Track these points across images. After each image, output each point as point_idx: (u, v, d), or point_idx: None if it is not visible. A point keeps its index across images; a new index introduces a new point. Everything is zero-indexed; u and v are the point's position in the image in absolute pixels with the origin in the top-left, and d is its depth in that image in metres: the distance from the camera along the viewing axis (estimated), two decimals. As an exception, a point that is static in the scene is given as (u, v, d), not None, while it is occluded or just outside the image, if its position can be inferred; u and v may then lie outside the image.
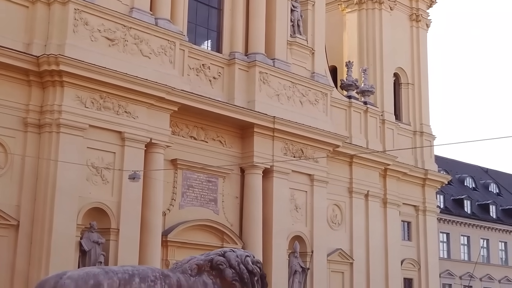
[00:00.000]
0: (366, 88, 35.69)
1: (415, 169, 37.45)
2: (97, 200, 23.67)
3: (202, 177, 28.09)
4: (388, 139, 36.44)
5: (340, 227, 33.14)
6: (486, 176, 58.26)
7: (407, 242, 37.14)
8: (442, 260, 43.49)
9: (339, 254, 32.52)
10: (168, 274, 11.37)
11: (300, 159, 30.35)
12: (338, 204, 33.26)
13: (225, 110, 27.97)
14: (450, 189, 49.43)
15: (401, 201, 36.52)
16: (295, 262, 29.76)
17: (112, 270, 10.68)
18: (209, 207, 28.15)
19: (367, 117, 35.44)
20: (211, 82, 28.60)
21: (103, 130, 24.09)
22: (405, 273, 36.36)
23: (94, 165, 23.71)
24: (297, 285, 29.73)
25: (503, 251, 51.15)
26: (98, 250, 23.16)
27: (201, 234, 27.29)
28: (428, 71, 40.27)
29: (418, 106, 39.13)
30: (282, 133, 29.81)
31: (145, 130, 25.09)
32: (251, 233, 28.54)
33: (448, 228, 46.88)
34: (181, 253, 24.72)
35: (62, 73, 23.06)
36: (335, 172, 32.63)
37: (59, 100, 23.18)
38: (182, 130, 27.67)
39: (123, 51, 25.00)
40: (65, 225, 22.50)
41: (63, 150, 22.82)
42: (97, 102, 24.02)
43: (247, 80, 29.54)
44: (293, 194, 30.31)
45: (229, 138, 29.15)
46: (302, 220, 30.54)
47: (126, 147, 24.52)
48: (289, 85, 30.91)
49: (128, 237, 23.95)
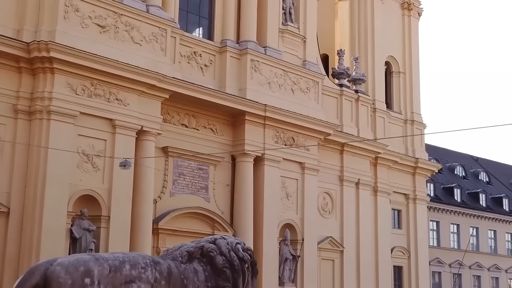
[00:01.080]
0: (357, 76, 35.73)
1: (406, 158, 37.60)
2: (88, 187, 23.64)
3: (193, 165, 28.10)
4: (379, 128, 36.54)
5: (330, 215, 33.27)
6: (476, 164, 58.53)
7: (397, 230, 37.33)
8: (432, 248, 43.76)
9: (330, 242, 32.67)
10: (158, 261, 11.41)
11: (291, 147, 30.40)
12: (329, 192, 33.37)
13: (216, 98, 27.94)
14: (440, 178, 49.65)
15: (391, 189, 36.68)
16: (286, 249, 29.87)
17: (103, 257, 10.71)
18: (200, 195, 28.18)
19: (358, 106, 35.49)
20: (202, 69, 28.55)
21: (94, 117, 24.02)
22: (395, 261, 36.58)
23: (85, 153, 23.66)
24: (287, 272, 29.86)
25: (492, 239, 51.49)
26: (88, 237, 23.15)
27: (192, 222, 27.34)
28: (419, 59, 40.36)
29: (409, 94, 39.23)
30: (273, 121, 29.83)
31: (136, 117, 25.04)
32: (242, 220, 28.61)
33: (438, 216, 47.13)
34: (172, 240, 24.73)
35: (53, 60, 22.95)
36: (326, 160, 32.71)
37: (49, 87, 23.08)
38: (173, 118, 27.64)
39: (114, 38, 24.89)
40: (55, 212, 22.47)
41: (53, 137, 22.75)
42: (88, 89, 23.94)
43: (238, 68, 29.50)
44: (284, 182, 30.38)
45: (220, 126, 29.15)
46: (293, 208, 30.64)
47: (117, 134, 24.47)
48: (280, 73, 30.90)
49: (119, 224, 23.96)
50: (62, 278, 10.06)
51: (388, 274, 35.63)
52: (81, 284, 10.10)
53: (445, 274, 46.49)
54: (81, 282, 10.11)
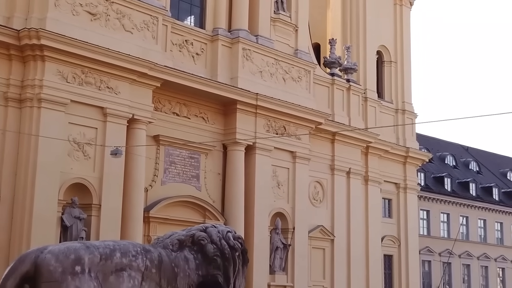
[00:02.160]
0: (349, 65, 35.72)
1: (397, 147, 37.70)
2: (78, 175, 23.60)
3: (184, 154, 28.09)
4: (370, 117, 36.60)
5: (321, 204, 33.35)
6: (466, 154, 58.77)
7: (388, 219, 37.49)
8: (422, 237, 43.97)
9: (320, 231, 32.78)
10: (149, 249, 11.41)
11: (282, 136, 30.43)
12: (320, 181, 33.43)
13: (208, 86, 27.90)
14: (430, 167, 49.84)
15: (382, 178, 36.79)
16: (277, 238, 29.97)
17: (93, 245, 10.70)
18: (191, 184, 28.19)
19: (349, 95, 35.52)
20: (194, 58, 28.47)
21: (85, 105, 23.95)
22: (385, 250, 36.75)
23: (75, 141, 23.60)
24: (278, 261, 29.97)
25: (482, 228, 51.81)
26: (79, 226, 23.14)
27: (183, 210, 27.36)
28: (411, 49, 40.36)
29: (400, 84, 39.27)
30: (264, 110, 29.82)
31: (127, 105, 24.98)
32: (233, 209, 28.66)
33: (428, 205, 47.35)
34: (163, 229, 24.75)
35: (43, 48, 22.84)
36: (317, 149, 32.76)
37: (40, 75, 22.98)
38: (165, 106, 27.59)
39: (105, 26, 24.78)
40: (46, 200, 22.44)
41: (44, 125, 22.68)
42: (78, 77, 23.85)
43: (230, 56, 29.45)
44: (275, 171, 30.42)
45: (212, 115, 29.12)
46: (284, 196, 30.70)
47: (108, 122, 24.42)
48: (272, 62, 30.87)
49: (110, 213, 23.95)
50: (52, 266, 10.05)
51: (378, 263, 35.81)
52: (71, 272, 10.09)
53: (435, 263, 46.79)
54: (72, 270, 10.10)
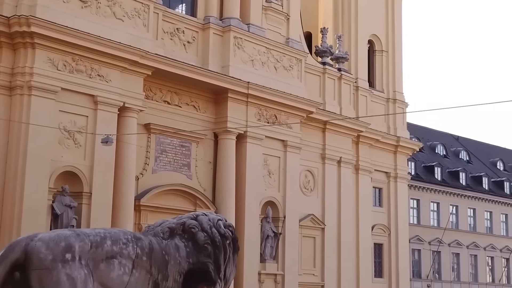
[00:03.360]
0: (340, 54, 35.72)
1: (388, 136, 37.78)
2: (69, 163, 23.56)
3: (175, 142, 28.06)
4: (361, 106, 36.65)
5: (312, 193, 33.44)
6: (456, 143, 58.97)
7: (378, 208, 37.62)
8: (412, 226, 44.17)
9: (311, 220, 32.88)
10: (140, 237, 11.41)
11: (273, 125, 30.44)
12: (310, 170, 33.50)
13: (199, 75, 27.85)
14: (421, 156, 49.99)
15: (373, 167, 36.89)
16: (268, 227, 30.05)
17: (84, 233, 10.68)
18: (182, 172, 28.18)
19: (341, 84, 35.54)
20: (185, 46, 28.40)
21: (76, 93, 23.87)
22: (376, 239, 36.92)
23: (66, 129, 23.54)
24: (269, 249, 30.07)
25: (472, 217, 52.08)
26: (70, 214, 23.13)
27: (174, 199, 27.38)
28: (402, 38, 40.39)
29: (391, 73, 39.31)
30: (256, 99, 29.81)
31: (118, 94, 24.92)
32: (224, 198, 28.70)
33: (419, 194, 47.54)
34: (154, 217, 24.75)
35: (34, 35, 22.72)
36: (308, 138, 32.80)
37: (30, 62, 22.87)
38: (156, 95, 27.53)
39: (96, 13, 24.66)
40: (36, 188, 22.40)
41: (34, 113, 22.60)
42: (69, 64, 23.76)
43: (221, 45, 29.38)
44: (266, 159, 30.46)
45: (203, 103, 29.08)
46: (275, 185, 30.76)
47: (99, 110, 24.36)
48: (263, 50, 30.83)
49: (100, 201, 23.94)
50: (42, 253, 10.03)
51: (368, 252, 35.99)
52: (62, 260, 10.08)
53: (425, 252, 47.04)
54: (62, 258, 10.09)
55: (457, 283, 49.47)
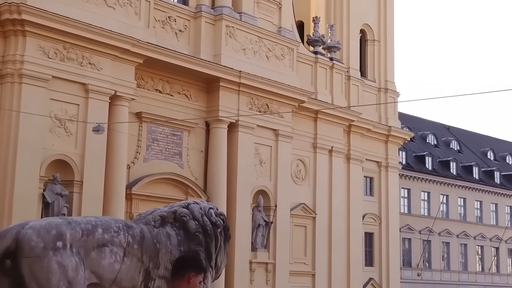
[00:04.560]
0: (332, 44, 35.70)
1: (379, 126, 37.85)
2: (60, 152, 23.50)
3: (167, 131, 28.03)
4: (353, 96, 36.68)
5: (303, 182, 33.50)
6: (447, 133, 59.16)
7: (369, 197, 37.75)
8: (403, 215, 44.37)
9: (302, 209, 32.95)
10: (131, 225, 11.43)
11: (265, 114, 30.44)
12: (302, 159, 33.54)
13: (190, 63, 27.79)
14: (412, 146, 50.14)
15: (364, 157, 36.97)
16: (259, 216, 30.11)
17: (75, 221, 10.69)
18: (173, 161, 28.18)
19: (332, 73, 35.54)
20: (177, 35, 28.30)
21: (67, 81, 23.78)
22: (366, 228, 37.06)
23: (57, 117, 23.46)
24: (260, 238, 30.14)
25: (462, 206, 52.35)
26: (61, 202, 23.09)
27: (165, 188, 27.37)
28: (394, 28, 40.39)
29: (383, 63, 39.32)
30: (247, 88, 29.78)
31: (110, 82, 24.84)
32: (215, 187, 28.72)
33: (409, 184, 47.72)
34: (145, 206, 24.74)
35: (24, 23, 22.58)
36: (300, 127, 32.82)
37: (21, 50, 22.76)
38: (147, 83, 27.45)
39: (87, 1, 24.52)
40: (27, 176, 22.35)
41: (25, 101, 22.51)
42: (60, 53, 23.64)
43: (213, 33, 29.31)
44: (257, 148, 30.47)
45: (195, 92, 29.04)
46: (266, 174, 30.80)
47: (90, 99, 24.28)
48: (255, 39, 30.77)
49: (91, 189, 23.91)
50: (33, 241, 10.04)
51: (359, 241, 36.13)
52: (53, 248, 10.09)
53: (415, 241, 47.29)
54: (53, 246, 10.10)
55: (447, 272, 49.79)
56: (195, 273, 5.74)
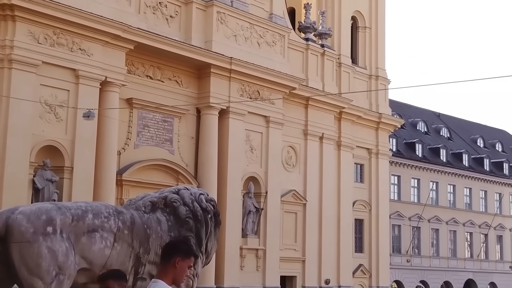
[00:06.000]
0: (323, 31, 35.65)
1: (370, 113, 37.92)
2: (50, 138, 23.44)
3: (157, 117, 28.00)
4: (344, 82, 36.70)
5: (294, 169, 33.57)
6: (438, 120, 59.30)
7: (360, 184, 37.88)
8: (393, 202, 44.56)
9: (293, 195, 33.05)
10: (121, 210, 11.47)
11: (256, 101, 30.43)
12: (293, 146, 33.59)
13: (181, 49, 27.71)
14: (402, 133, 50.26)
15: (354, 144, 37.05)
16: (249, 202, 30.18)
17: (65, 206, 10.72)
18: (164, 147, 28.16)
19: (324, 60, 35.52)
20: (168, 20, 28.19)
21: (57, 67, 23.68)
22: (357, 214, 37.22)
23: (47, 103, 23.38)
24: (250, 225, 30.24)
25: (451, 193, 52.58)
26: (51, 188, 23.07)
27: (156, 174, 27.38)
28: (385, 15, 40.37)
29: (374, 50, 39.33)
30: (238, 74, 29.75)
31: (100, 68, 24.75)
32: (206, 173, 28.75)
33: (400, 170, 47.89)
34: (136, 192, 24.68)
35: (14, 7, 22.43)
36: (290, 114, 32.85)
37: (11, 35, 22.62)
38: (138, 69, 27.37)
39: (77, -14, 24.35)
40: (17, 162, 22.29)
41: (15, 87, 22.42)
42: (50, 38, 23.52)
43: (204, 19, 29.21)
44: (248, 135, 30.49)
45: (186, 78, 28.98)
46: (257, 161, 30.84)
47: (81, 85, 24.19)
48: (246, 26, 30.70)
49: (82, 175, 23.88)
50: (24, 226, 10.06)
51: (349, 227, 36.31)
52: (43, 233, 10.12)
53: (405, 227, 47.52)
54: (43, 231, 10.13)
55: (436, 258, 50.13)
56: (181, 258, 5.76)
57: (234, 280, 29.06)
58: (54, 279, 10.06)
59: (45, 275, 10.03)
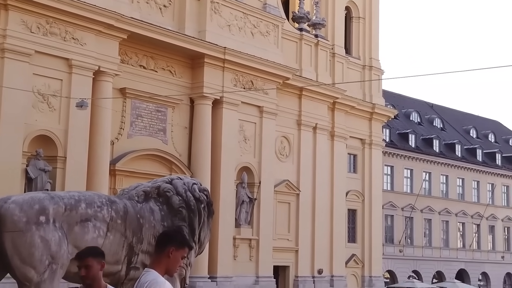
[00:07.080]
0: (317, 21, 35.60)
1: (363, 103, 37.96)
2: (43, 127, 23.38)
3: (151, 107, 27.95)
4: (338, 73, 36.69)
5: (287, 159, 33.61)
6: (431, 111, 59.42)
7: (353, 174, 37.95)
8: (386, 192, 44.66)
9: (286, 185, 33.10)
10: (114, 200, 11.48)
11: (249, 91, 30.42)
12: (286, 136, 33.62)
13: (175, 39, 27.64)
14: (396, 123, 50.34)
15: (348, 134, 37.10)
16: (243, 192, 30.22)
17: (58, 195, 10.72)
18: (158, 137, 28.14)
19: (317, 50, 35.50)
20: (161, 10, 28.09)
21: (50, 56, 23.60)
22: (350, 204, 37.31)
23: (40, 92, 23.31)
24: (244, 215, 30.29)
25: (444, 184, 52.75)
26: (44, 178, 23.03)
27: (149, 164, 27.37)
28: (379, 5, 40.33)
29: (368, 40, 39.31)
30: (232, 64, 29.71)
31: (93, 57, 24.67)
32: (199, 163, 28.75)
33: (393, 161, 47.99)
34: (129, 182, 24.64)
35: (6, -4, 22.31)
36: (284, 104, 32.85)
37: (3, 24, 22.52)
38: (131, 59, 27.29)
39: (70, -25, 24.22)
40: (10, 152, 22.24)
41: (8, 76, 22.34)
42: (43, 27, 23.42)
43: (198, 9, 29.12)
44: (242, 125, 30.49)
45: (179, 68, 28.92)
46: (250, 151, 30.86)
47: (74, 74, 24.13)
48: (240, 15, 30.63)
49: (75, 165, 23.86)
50: (16, 215, 10.05)
51: (342, 217, 36.41)
52: (36, 222, 10.12)
53: (398, 217, 47.69)
54: (36, 220, 10.13)
55: (428, 248, 50.36)
56: (175, 248, 5.78)
57: (227, 270, 29.13)
58: (47, 268, 10.08)
59: (37, 264, 10.04)
